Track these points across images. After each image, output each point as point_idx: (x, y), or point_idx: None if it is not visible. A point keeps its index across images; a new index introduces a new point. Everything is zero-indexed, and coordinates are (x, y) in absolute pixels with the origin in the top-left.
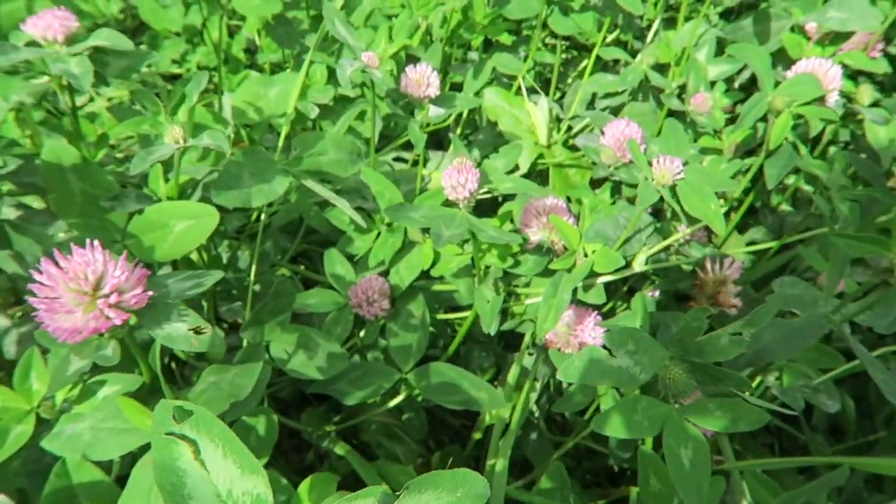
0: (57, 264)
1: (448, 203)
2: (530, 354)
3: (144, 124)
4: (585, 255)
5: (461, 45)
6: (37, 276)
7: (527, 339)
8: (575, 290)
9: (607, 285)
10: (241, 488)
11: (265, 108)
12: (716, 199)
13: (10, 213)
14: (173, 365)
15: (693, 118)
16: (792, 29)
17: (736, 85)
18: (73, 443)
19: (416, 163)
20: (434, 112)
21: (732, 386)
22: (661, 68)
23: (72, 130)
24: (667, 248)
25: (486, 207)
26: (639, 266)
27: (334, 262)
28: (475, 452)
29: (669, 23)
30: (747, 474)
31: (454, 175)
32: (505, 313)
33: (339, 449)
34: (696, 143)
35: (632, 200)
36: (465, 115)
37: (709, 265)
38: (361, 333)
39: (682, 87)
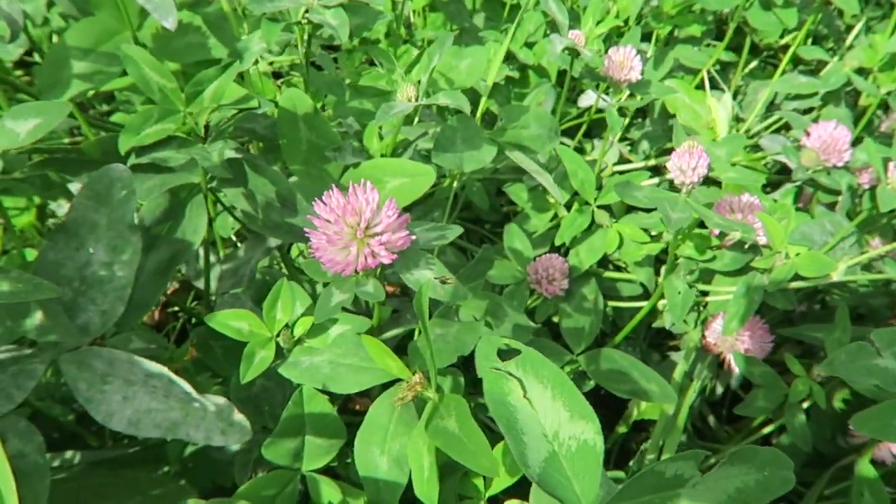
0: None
1: None
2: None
3: (381, 80)
4: (786, 258)
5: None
6: (318, 210)
7: (694, 337)
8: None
9: None
10: (569, 432)
11: (455, 79)
12: None
13: (231, 155)
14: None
15: None
16: None
17: None
18: (312, 373)
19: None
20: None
21: None
22: (861, 73)
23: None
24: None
25: None
26: (838, 276)
27: (514, 237)
28: (607, 446)
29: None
30: None
31: (685, 157)
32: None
33: None
34: None
35: (831, 207)
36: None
37: None
38: None
39: (890, 94)
